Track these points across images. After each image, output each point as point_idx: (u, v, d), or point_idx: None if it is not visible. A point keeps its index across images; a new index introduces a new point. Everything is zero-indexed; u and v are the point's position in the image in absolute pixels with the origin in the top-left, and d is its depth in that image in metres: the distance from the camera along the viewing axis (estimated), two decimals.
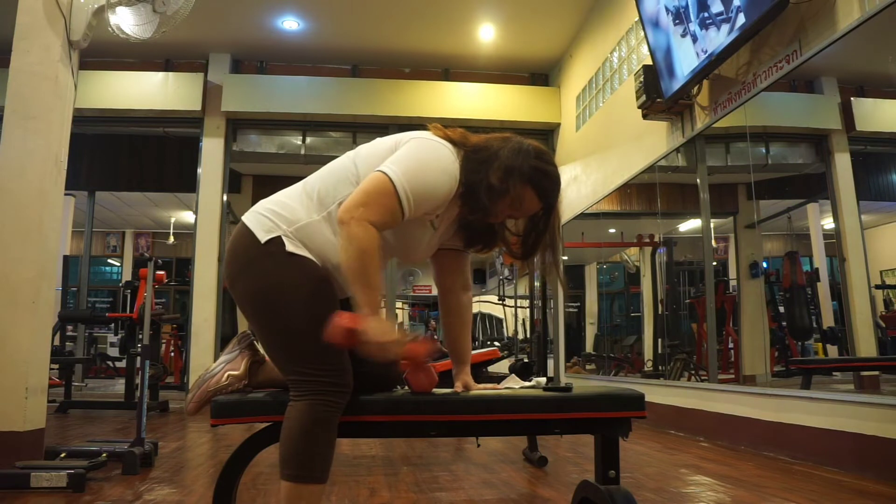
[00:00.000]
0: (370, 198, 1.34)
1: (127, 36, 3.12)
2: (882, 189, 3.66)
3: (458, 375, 1.63)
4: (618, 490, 1.46)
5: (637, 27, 5.02)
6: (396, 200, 1.34)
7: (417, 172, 1.37)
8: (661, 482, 2.68)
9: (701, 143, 4.38)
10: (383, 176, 1.35)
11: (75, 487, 2.36)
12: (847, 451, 2.91)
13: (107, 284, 13.70)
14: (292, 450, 1.33)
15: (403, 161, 1.38)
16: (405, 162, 1.37)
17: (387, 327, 1.30)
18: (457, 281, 1.64)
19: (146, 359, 3.03)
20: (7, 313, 2.78)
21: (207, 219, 6.90)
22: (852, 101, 3.48)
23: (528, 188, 1.43)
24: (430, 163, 1.39)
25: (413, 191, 1.35)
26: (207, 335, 6.72)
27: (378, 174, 1.36)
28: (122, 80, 6.96)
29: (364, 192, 1.35)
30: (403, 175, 1.35)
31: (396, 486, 2.55)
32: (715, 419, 4.00)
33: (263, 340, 1.44)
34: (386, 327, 1.30)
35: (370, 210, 1.33)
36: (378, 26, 6.62)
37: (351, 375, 1.41)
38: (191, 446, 3.68)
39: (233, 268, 1.45)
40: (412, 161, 1.38)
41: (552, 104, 7.30)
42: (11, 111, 2.90)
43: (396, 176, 1.35)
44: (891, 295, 3.63)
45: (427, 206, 1.40)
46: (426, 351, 1.38)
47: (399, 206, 1.35)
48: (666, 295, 5.96)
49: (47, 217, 2.92)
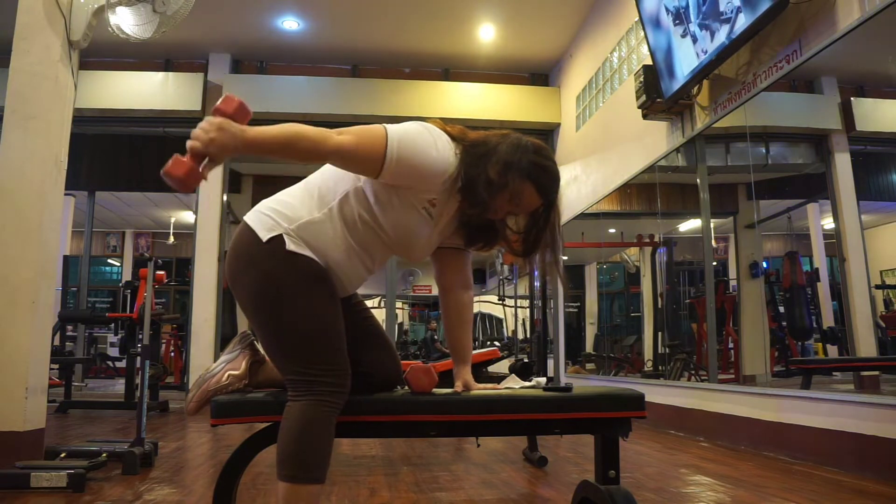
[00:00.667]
0: (361, 131, 1.36)
1: (127, 36, 3.12)
2: (882, 189, 3.66)
3: (459, 375, 1.63)
4: (618, 490, 1.46)
5: (637, 27, 5.02)
6: (382, 151, 1.34)
7: (412, 142, 1.37)
8: (661, 482, 2.68)
9: (701, 143, 4.38)
10: (382, 127, 1.37)
11: (75, 487, 2.36)
12: (847, 451, 2.91)
13: (107, 284, 13.70)
14: (290, 450, 1.33)
15: (403, 130, 1.39)
16: (404, 131, 1.39)
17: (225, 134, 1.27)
18: (457, 280, 1.64)
19: (146, 359, 3.03)
20: (7, 313, 2.78)
21: (207, 219, 6.91)
22: (852, 101, 3.49)
23: (526, 183, 1.43)
24: (426, 140, 1.39)
25: (400, 155, 1.35)
26: (207, 335, 6.72)
27: (377, 125, 1.38)
28: (122, 80, 6.97)
29: (359, 127, 1.37)
30: (398, 138, 1.36)
31: (396, 486, 2.55)
32: (715, 419, 4.00)
33: (263, 339, 1.45)
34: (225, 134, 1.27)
35: (355, 138, 1.35)
36: (378, 26, 6.62)
37: (350, 376, 1.41)
38: (191, 446, 3.68)
39: (234, 266, 1.46)
40: (410, 133, 1.39)
41: (552, 104, 7.30)
42: (11, 111, 2.90)
43: (392, 133, 1.36)
44: (891, 295, 3.63)
45: (409, 177, 1.39)
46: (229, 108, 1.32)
47: (381, 158, 1.35)
48: (666, 295, 5.96)
49: (47, 217, 2.92)
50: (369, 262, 1.50)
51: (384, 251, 1.51)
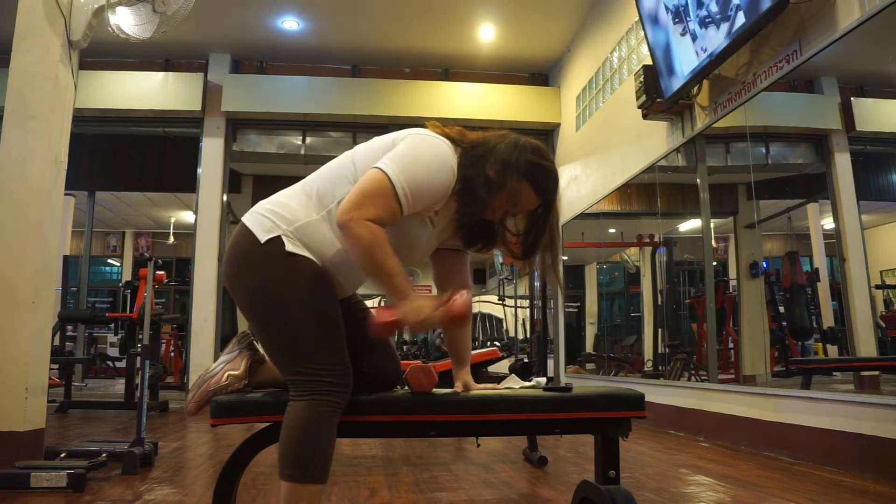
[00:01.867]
0: (367, 198, 1.34)
1: (127, 36, 3.12)
2: (882, 189, 3.66)
3: (458, 375, 1.63)
4: (618, 490, 1.46)
5: (637, 27, 5.02)
6: (394, 198, 1.34)
7: (415, 168, 1.37)
8: (661, 482, 2.68)
9: (701, 143, 4.38)
10: (380, 174, 1.35)
11: (75, 487, 2.36)
12: (847, 451, 2.91)
13: (107, 284, 13.70)
14: (292, 450, 1.33)
15: (400, 157, 1.38)
16: (402, 158, 1.38)
17: (420, 305, 1.35)
18: (456, 281, 1.64)
19: (146, 359, 3.03)
20: (7, 313, 2.77)
21: (207, 219, 6.91)
22: (852, 101, 3.48)
23: (524, 183, 1.43)
24: (427, 158, 1.39)
25: (410, 187, 1.35)
26: (207, 335, 6.72)
27: (375, 172, 1.36)
28: (122, 80, 6.96)
29: (361, 191, 1.35)
30: (401, 172, 1.35)
31: (396, 486, 2.55)
32: (715, 419, 4.00)
33: (263, 340, 1.44)
34: (419, 305, 1.34)
35: (368, 210, 1.33)
36: (378, 26, 6.62)
37: (351, 376, 1.41)
38: (191, 446, 3.68)
39: (232, 268, 1.45)
40: (409, 157, 1.38)
41: (552, 104, 7.30)
42: (11, 111, 2.90)
43: (394, 173, 1.35)
44: (891, 295, 3.63)
45: (425, 201, 1.40)
46: (463, 306, 1.37)
47: (397, 203, 1.35)
48: (666, 295, 5.96)
49: (47, 217, 2.92)
50: None
51: None
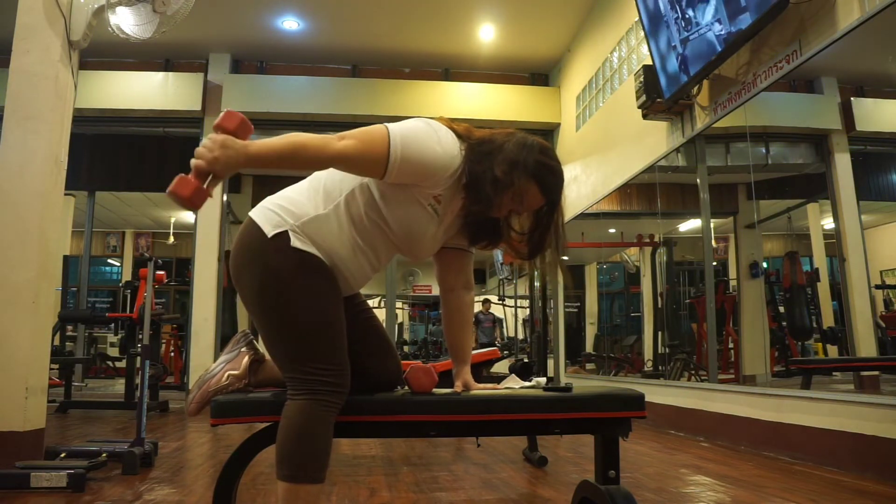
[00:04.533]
0: (363, 134, 1.36)
1: (127, 36, 3.12)
2: (882, 189, 3.66)
3: (459, 375, 1.63)
4: (618, 490, 1.46)
5: (637, 27, 5.02)
6: (385, 152, 1.35)
7: (413, 136, 1.38)
8: (661, 482, 2.68)
9: (701, 143, 4.38)
10: (382, 126, 1.38)
11: (75, 487, 2.36)
12: (847, 451, 2.91)
13: (107, 284, 13.69)
14: (289, 450, 1.33)
15: (405, 127, 1.40)
16: (406, 129, 1.39)
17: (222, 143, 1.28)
18: (459, 280, 1.64)
19: (146, 359, 3.03)
20: (7, 313, 2.77)
21: (207, 219, 6.91)
22: (852, 101, 3.49)
23: (531, 183, 1.43)
24: (429, 136, 1.40)
25: (404, 154, 1.35)
26: (207, 335, 6.72)
27: (380, 125, 1.38)
28: (122, 80, 6.97)
29: (360, 130, 1.38)
30: (400, 133, 1.36)
31: (396, 486, 2.55)
32: (715, 419, 4.00)
33: (265, 336, 1.44)
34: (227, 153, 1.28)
35: (357, 142, 1.35)
36: (378, 26, 6.62)
37: (349, 376, 1.41)
38: (191, 446, 3.68)
39: (238, 261, 1.46)
40: (411, 128, 1.39)
41: (552, 104, 7.30)
42: (11, 111, 2.90)
43: (393, 131, 1.37)
44: (891, 295, 3.64)
45: (415, 173, 1.39)
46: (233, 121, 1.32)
47: (385, 159, 1.35)
48: (666, 295, 5.96)
49: (47, 217, 2.92)
50: (374, 259, 1.50)
51: (389, 248, 1.51)
